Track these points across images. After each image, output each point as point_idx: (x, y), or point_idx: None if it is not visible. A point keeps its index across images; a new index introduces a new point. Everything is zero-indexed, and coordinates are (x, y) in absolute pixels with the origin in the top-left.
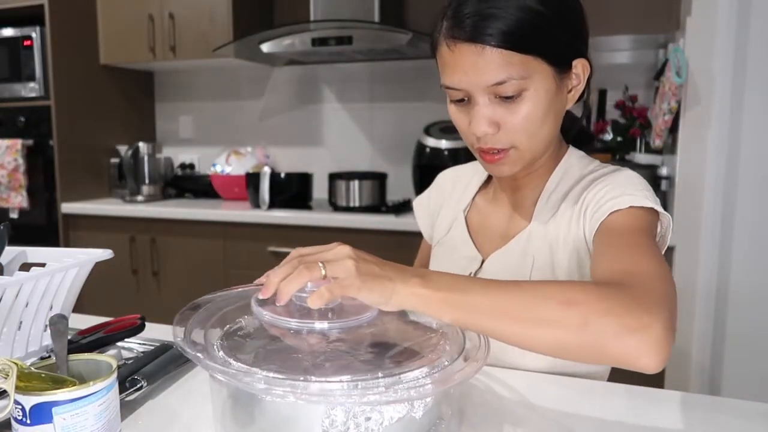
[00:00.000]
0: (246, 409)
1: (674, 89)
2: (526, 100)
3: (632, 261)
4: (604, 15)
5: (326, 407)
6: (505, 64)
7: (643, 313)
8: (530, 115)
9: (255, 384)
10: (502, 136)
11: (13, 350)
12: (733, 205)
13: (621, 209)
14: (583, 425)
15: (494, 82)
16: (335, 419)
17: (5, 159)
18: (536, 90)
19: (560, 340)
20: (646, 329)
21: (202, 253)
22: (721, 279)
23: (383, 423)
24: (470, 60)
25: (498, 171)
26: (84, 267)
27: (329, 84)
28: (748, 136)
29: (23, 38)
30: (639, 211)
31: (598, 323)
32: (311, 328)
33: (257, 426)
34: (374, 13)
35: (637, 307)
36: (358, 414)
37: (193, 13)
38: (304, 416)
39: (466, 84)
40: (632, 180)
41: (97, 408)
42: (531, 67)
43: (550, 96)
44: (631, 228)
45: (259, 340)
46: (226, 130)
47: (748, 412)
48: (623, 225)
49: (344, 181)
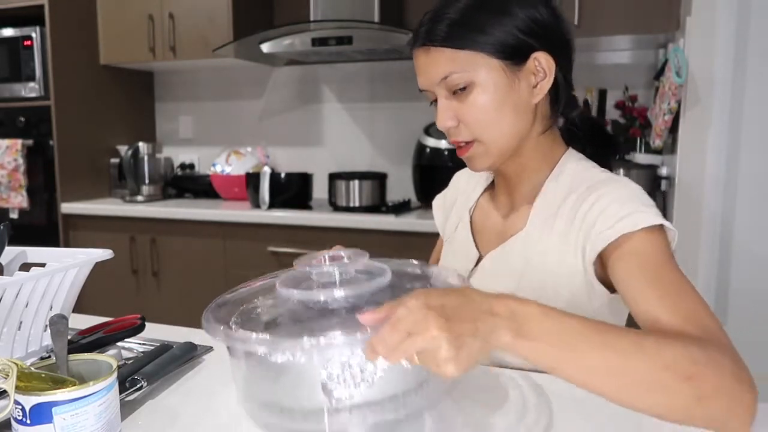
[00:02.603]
0: (263, 377)
1: (674, 89)
2: (476, 93)
3: (690, 308)
4: (604, 15)
5: (324, 362)
6: (447, 60)
7: (744, 393)
8: (483, 106)
9: (257, 346)
10: (463, 129)
11: (13, 350)
12: (733, 205)
13: (635, 231)
14: (583, 425)
15: (441, 77)
16: (332, 372)
17: (5, 159)
18: (484, 83)
19: (670, 409)
20: (747, 410)
21: (202, 253)
22: (721, 279)
23: (376, 374)
24: (423, 61)
25: (471, 165)
26: (84, 267)
27: (329, 84)
28: (748, 136)
29: (23, 38)
30: (655, 233)
31: (710, 403)
32: (326, 297)
33: (273, 388)
34: (374, 13)
35: (738, 383)
36: (354, 366)
37: (193, 13)
38: (307, 373)
39: (424, 83)
40: (637, 194)
41: (97, 408)
42: (474, 61)
43: (501, 89)
44: (657, 259)
45: (272, 313)
46: (226, 130)
47: None
48: (647, 253)
49: (344, 181)
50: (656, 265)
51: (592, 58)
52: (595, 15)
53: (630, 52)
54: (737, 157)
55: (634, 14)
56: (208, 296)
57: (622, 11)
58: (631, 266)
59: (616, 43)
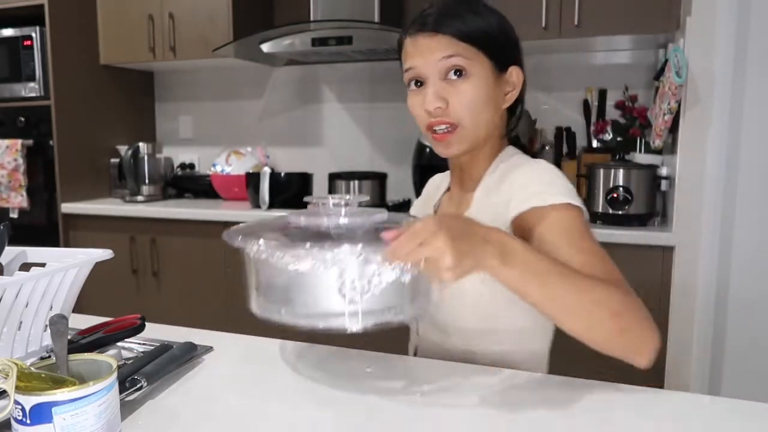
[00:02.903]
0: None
1: (674, 89)
2: (470, 82)
3: (604, 267)
4: (604, 15)
5: (340, 272)
6: (453, 44)
7: (652, 331)
8: (473, 96)
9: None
10: (450, 112)
11: (13, 350)
12: (733, 205)
13: (544, 206)
14: (583, 425)
15: (444, 55)
16: (346, 281)
17: (5, 159)
18: (478, 75)
19: (599, 336)
20: (653, 345)
21: (202, 253)
22: (721, 279)
23: (381, 285)
24: (426, 44)
25: (446, 149)
26: (84, 267)
27: (329, 84)
28: (748, 136)
29: (23, 38)
30: (564, 209)
31: (628, 336)
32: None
33: (290, 296)
34: (374, 13)
35: (648, 324)
36: (363, 276)
37: (193, 13)
38: (324, 281)
39: (421, 63)
40: (551, 176)
41: (97, 408)
42: (474, 54)
43: (489, 85)
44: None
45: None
46: (226, 130)
47: (748, 412)
48: (556, 224)
49: (344, 181)
50: (568, 232)
51: (592, 58)
52: (595, 15)
53: (630, 52)
54: (737, 157)
55: (634, 14)
56: (208, 296)
57: (622, 11)
58: (545, 233)
59: (616, 43)
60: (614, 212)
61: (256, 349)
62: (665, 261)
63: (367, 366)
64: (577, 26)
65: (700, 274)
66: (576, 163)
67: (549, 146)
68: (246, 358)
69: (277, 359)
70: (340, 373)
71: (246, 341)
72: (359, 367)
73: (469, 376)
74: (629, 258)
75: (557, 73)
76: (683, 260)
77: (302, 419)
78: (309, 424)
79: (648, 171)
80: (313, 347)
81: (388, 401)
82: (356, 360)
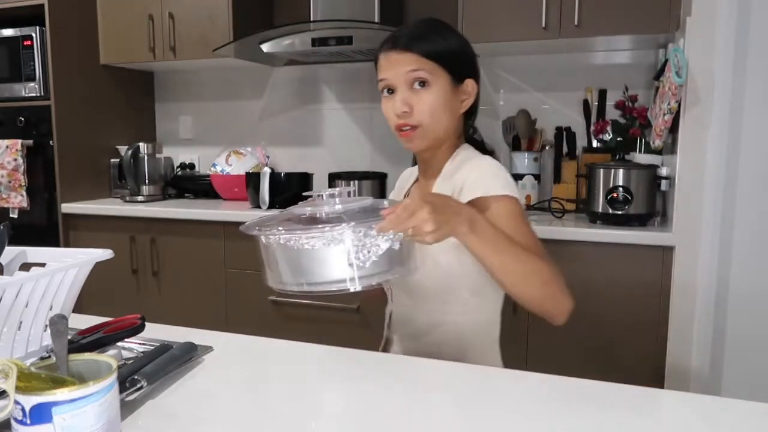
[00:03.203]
0: (296, 261)
1: (674, 89)
2: (430, 92)
3: (536, 247)
4: (604, 15)
5: (347, 246)
6: (419, 60)
7: (567, 298)
8: (433, 102)
9: (291, 235)
10: (414, 115)
11: (13, 350)
12: (733, 205)
13: (487, 196)
14: (583, 425)
15: (411, 69)
16: (351, 252)
17: (5, 159)
18: (438, 86)
19: (533, 298)
20: (567, 309)
21: (202, 253)
22: (721, 279)
23: (379, 252)
24: (397, 59)
25: (410, 144)
26: (84, 267)
27: (329, 84)
28: (748, 136)
29: (23, 38)
30: (504, 200)
31: (552, 299)
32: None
33: (307, 269)
34: (374, 13)
35: (566, 293)
36: (364, 247)
37: (193, 13)
38: (333, 255)
39: (392, 75)
40: (496, 172)
41: (97, 408)
42: (435, 69)
43: (446, 94)
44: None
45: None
46: (226, 130)
47: (748, 412)
48: (497, 213)
49: (344, 181)
50: (507, 218)
51: (592, 58)
52: (595, 15)
53: (630, 52)
54: (737, 157)
55: (634, 14)
56: (208, 296)
57: (622, 11)
58: (489, 219)
59: (616, 43)
60: (614, 212)
61: (256, 349)
62: (665, 261)
63: (364, 364)
64: (577, 26)
65: (700, 274)
66: (576, 163)
67: (549, 146)
68: (246, 358)
69: (276, 359)
70: (340, 373)
71: (246, 341)
72: (358, 366)
73: (470, 376)
74: (629, 258)
75: (557, 73)
76: (683, 260)
77: (302, 419)
78: (309, 424)
79: (648, 171)
80: (312, 347)
81: (388, 401)
82: (356, 359)
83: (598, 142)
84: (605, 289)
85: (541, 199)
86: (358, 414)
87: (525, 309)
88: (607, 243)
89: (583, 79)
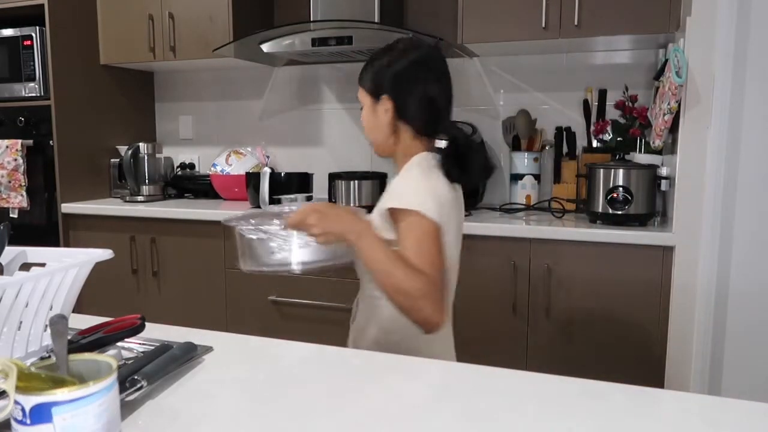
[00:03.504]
0: (257, 251)
1: (674, 89)
2: (363, 112)
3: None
4: (604, 15)
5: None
6: (359, 89)
7: (436, 314)
8: (365, 120)
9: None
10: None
11: (13, 350)
12: (732, 205)
13: (399, 208)
14: (583, 425)
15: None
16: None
17: (5, 159)
18: (365, 106)
19: (399, 306)
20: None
21: (202, 253)
22: (721, 279)
23: (300, 242)
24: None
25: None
26: (84, 267)
27: (329, 84)
28: (748, 136)
29: (23, 38)
30: (414, 214)
31: (412, 312)
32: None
33: (262, 259)
34: (374, 13)
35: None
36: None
37: (193, 13)
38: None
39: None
40: (418, 187)
41: (97, 408)
42: (362, 93)
43: (370, 112)
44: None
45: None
46: (226, 130)
47: (748, 412)
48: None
49: (344, 181)
50: (407, 233)
51: (592, 58)
52: (595, 15)
53: (630, 52)
54: (737, 157)
55: (634, 14)
56: (208, 296)
57: (622, 11)
58: (398, 228)
59: (616, 43)
60: (614, 212)
61: (256, 349)
62: (665, 261)
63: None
64: (577, 26)
65: (700, 274)
66: (576, 163)
67: (549, 146)
68: (246, 358)
69: (276, 359)
70: (340, 373)
71: (246, 341)
72: (358, 366)
73: (470, 376)
74: (629, 258)
75: (557, 73)
76: (683, 260)
77: (302, 419)
78: (309, 424)
79: (648, 171)
80: (311, 347)
81: (388, 401)
82: (355, 359)
83: (598, 142)
84: (605, 289)
85: (541, 199)
86: (359, 414)
87: (524, 309)
88: (607, 243)
89: (583, 79)
